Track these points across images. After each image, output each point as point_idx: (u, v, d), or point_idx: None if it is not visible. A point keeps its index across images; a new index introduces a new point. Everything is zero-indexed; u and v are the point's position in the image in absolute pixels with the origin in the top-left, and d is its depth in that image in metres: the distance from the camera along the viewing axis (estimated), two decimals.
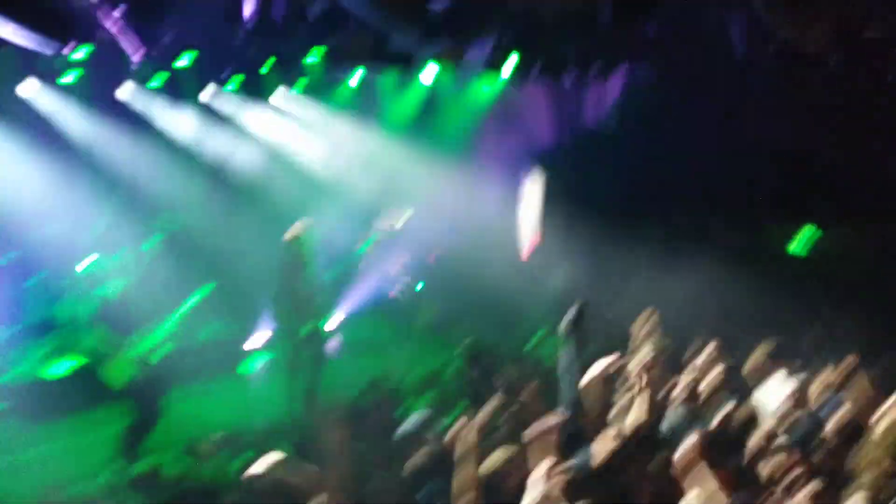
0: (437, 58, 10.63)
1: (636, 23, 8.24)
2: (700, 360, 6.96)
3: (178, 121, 11.64)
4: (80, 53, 10.13)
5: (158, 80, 11.12)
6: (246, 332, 10.29)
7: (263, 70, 11.30)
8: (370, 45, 10.01)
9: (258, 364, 9.88)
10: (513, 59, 10.30)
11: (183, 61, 10.58)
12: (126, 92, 11.19)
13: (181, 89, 11.43)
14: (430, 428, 5.70)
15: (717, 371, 6.44)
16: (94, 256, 9.60)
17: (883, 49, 8.07)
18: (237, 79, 11.60)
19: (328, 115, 12.39)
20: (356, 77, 12.22)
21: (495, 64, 10.17)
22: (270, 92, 12.12)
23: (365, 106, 12.57)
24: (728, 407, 5.70)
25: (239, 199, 11.93)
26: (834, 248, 11.05)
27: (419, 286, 11.89)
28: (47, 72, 10.29)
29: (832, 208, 10.52)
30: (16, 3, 9.20)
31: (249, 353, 10.01)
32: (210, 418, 8.04)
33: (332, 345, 10.42)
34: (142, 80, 11.11)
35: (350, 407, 6.88)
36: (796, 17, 7.40)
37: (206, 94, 11.86)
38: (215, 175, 12.13)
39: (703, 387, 6.32)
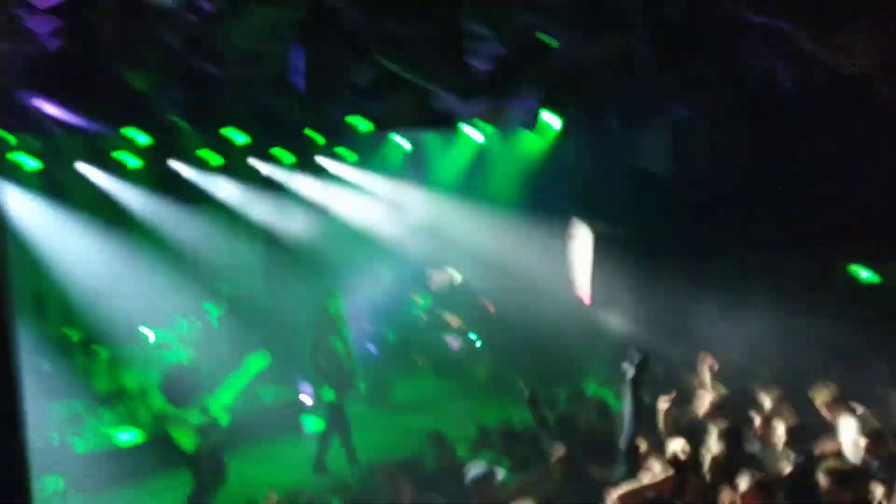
0: (480, 118, 10.75)
1: (678, 65, 8.20)
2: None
3: (231, 191, 11.96)
4: (137, 135, 10.52)
5: (211, 152, 11.49)
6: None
7: (311, 136, 11.57)
8: (414, 107, 10.17)
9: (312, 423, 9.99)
10: (554, 116, 10.34)
11: (233, 132, 10.88)
12: (180, 165, 11.60)
13: (233, 160, 11.81)
14: (492, 479, 5.66)
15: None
16: (157, 327, 9.84)
17: None
18: (287, 147, 11.91)
19: (376, 179, 12.61)
20: (402, 140, 12.47)
21: (537, 120, 10.22)
22: (319, 158, 12.44)
23: (412, 167, 12.80)
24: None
25: (294, 265, 12.15)
26: None
27: (477, 341, 11.87)
28: (105, 151, 10.73)
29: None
30: (72, 89, 9.64)
31: (307, 412, 10.08)
32: (271, 479, 8.07)
33: None
34: (195, 153, 11.50)
35: (412, 461, 6.85)
36: (842, 46, 7.27)
37: (257, 163, 12.22)
38: (271, 242, 12.41)
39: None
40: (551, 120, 10.43)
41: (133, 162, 10.90)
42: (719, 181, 10.48)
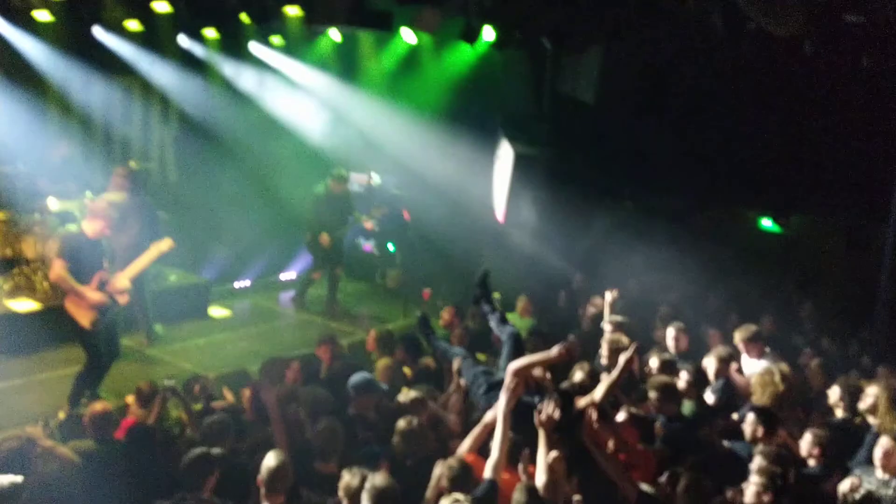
0: (413, 24, 10.53)
1: None
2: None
3: (150, 63, 11.51)
4: None
5: (134, 24, 10.97)
6: (213, 280, 10.34)
7: (241, 21, 11.14)
8: (350, 3, 9.88)
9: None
10: (489, 29, 10.23)
11: (160, 7, 10.37)
12: (100, 33, 11.05)
13: (157, 36, 11.31)
14: (374, 388, 5.80)
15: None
16: (61, 196, 9.51)
17: (859, 34, 8.02)
18: (215, 27, 11.45)
19: (305, 70, 12.31)
20: (333, 35, 12.14)
21: (472, 32, 10.09)
22: (247, 43, 12.04)
23: (342, 63, 12.52)
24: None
25: (210, 148, 11.90)
26: (802, 233, 11.28)
27: (391, 245, 11.97)
28: (21, 7, 10.10)
29: (801, 194, 10.68)
30: None
31: (215, 298, 10.09)
32: (169, 363, 8.16)
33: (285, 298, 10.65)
34: (118, 23, 10.96)
35: (306, 359, 6.97)
36: (770, 1, 7.40)
37: (183, 42, 11.76)
38: (187, 122, 12.08)
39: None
40: (486, 33, 10.31)
41: (47, 18, 10.29)
42: (641, 120, 10.67)
